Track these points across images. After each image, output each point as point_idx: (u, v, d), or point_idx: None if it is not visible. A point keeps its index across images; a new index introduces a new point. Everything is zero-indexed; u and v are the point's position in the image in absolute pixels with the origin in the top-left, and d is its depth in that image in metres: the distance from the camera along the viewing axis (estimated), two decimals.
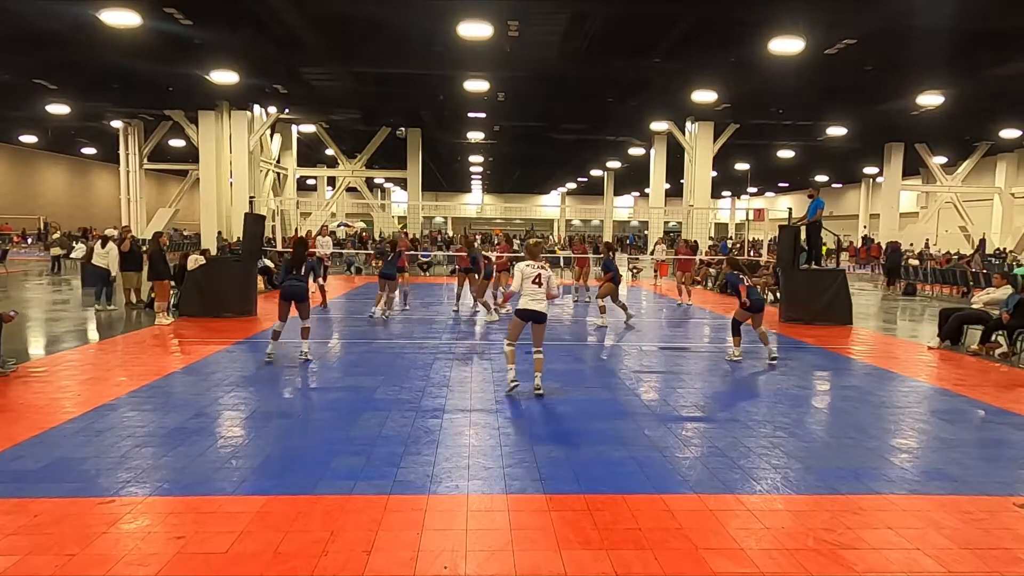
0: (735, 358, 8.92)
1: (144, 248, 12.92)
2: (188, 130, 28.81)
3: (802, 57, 16.31)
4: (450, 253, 27.66)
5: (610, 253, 12.63)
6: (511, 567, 3.45)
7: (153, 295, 12.77)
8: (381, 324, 11.74)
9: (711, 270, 21.33)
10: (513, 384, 6.85)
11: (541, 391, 6.77)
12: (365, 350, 9.55)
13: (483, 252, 15.08)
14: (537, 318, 6.78)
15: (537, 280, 6.74)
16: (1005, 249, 31.19)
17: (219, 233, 26.94)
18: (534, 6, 15.09)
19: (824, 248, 20.03)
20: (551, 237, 45.29)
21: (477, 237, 32.90)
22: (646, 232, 33.27)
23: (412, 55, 18.75)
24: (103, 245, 13.01)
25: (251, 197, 25.30)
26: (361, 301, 15.21)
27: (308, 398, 6.86)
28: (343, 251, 27.28)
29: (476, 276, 13.05)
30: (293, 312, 8.31)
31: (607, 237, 36.23)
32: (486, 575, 3.39)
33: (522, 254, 12.00)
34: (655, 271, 24.95)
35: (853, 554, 3.66)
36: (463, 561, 3.49)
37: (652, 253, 24.60)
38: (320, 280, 13.11)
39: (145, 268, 13.12)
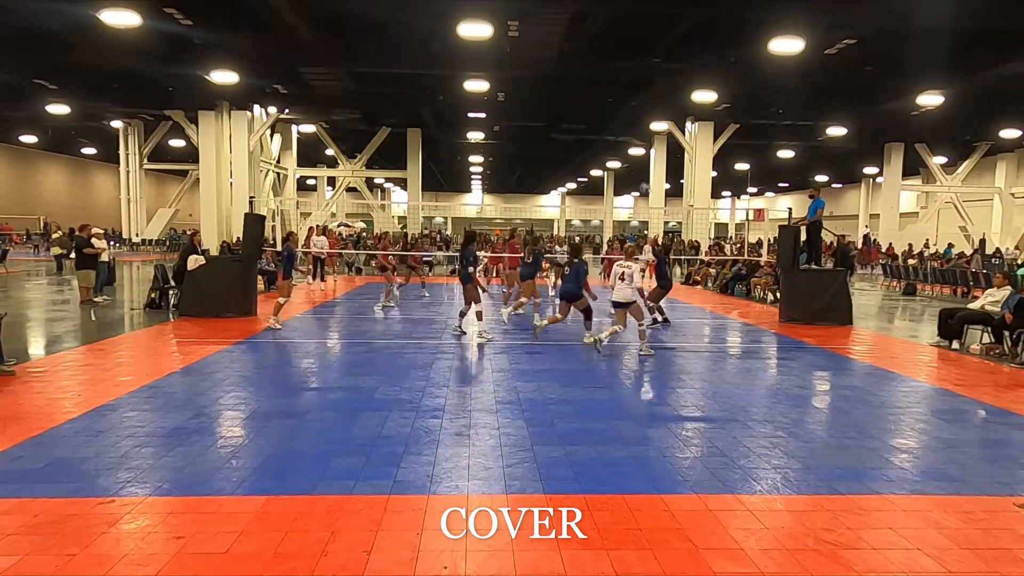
0: (594, 341, 9.47)
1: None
2: (188, 130, 28.80)
3: (802, 57, 16.31)
4: (449, 253, 27.61)
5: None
6: (511, 567, 3.45)
7: (153, 295, 12.93)
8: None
9: (711, 270, 21.33)
10: None
11: None
12: (365, 350, 9.55)
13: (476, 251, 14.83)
14: None
15: None
16: (1008, 248, 31.14)
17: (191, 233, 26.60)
18: (534, 6, 15.07)
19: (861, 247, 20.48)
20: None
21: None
22: (646, 232, 33.22)
23: (412, 55, 18.73)
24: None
25: (251, 197, 25.28)
26: (362, 301, 15.19)
27: (308, 398, 6.85)
28: (342, 251, 27.25)
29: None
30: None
31: (607, 237, 35.86)
32: (486, 575, 3.39)
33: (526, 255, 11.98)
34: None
35: (853, 554, 3.66)
36: (463, 561, 3.49)
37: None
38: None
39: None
